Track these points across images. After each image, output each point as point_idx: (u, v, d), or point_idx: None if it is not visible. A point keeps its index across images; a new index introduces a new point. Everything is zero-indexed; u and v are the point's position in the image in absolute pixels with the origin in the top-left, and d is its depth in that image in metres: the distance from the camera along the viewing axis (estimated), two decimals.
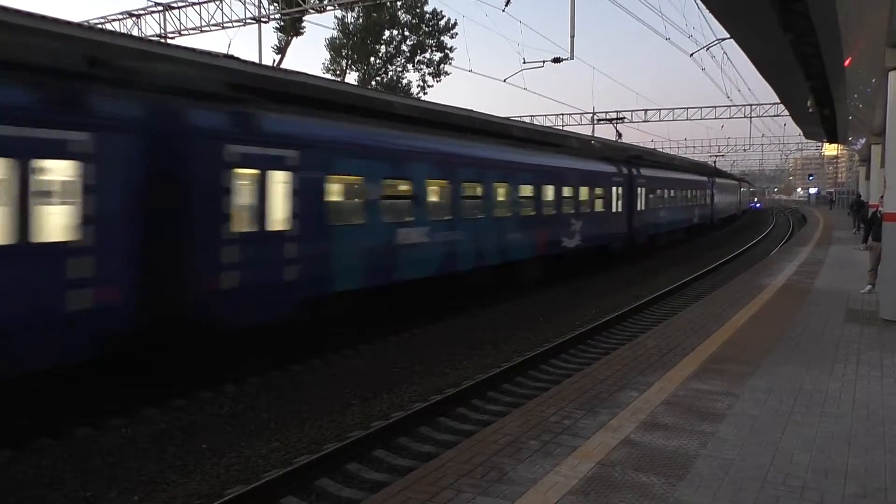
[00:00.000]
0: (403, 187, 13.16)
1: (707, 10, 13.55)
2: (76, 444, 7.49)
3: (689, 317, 11.11)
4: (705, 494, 4.55)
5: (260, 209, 9.85)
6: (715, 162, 64.65)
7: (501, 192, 16.58)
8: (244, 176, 9.69)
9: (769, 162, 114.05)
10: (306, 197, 10.60)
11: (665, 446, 5.40)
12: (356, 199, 12.08)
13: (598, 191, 21.94)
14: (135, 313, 8.30)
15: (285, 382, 9.79)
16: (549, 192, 18.68)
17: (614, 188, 23.37)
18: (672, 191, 31.22)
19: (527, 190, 17.62)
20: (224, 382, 9.47)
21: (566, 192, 19.71)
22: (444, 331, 13.19)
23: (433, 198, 14.18)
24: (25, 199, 7.24)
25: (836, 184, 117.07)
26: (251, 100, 10.38)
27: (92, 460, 7.10)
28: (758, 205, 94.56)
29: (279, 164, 10.14)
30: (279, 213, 10.19)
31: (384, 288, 12.54)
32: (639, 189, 25.75)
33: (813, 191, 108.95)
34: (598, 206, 21.98)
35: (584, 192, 20.79)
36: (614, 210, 23.47)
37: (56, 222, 7.62)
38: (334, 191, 11.56)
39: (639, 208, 25.76)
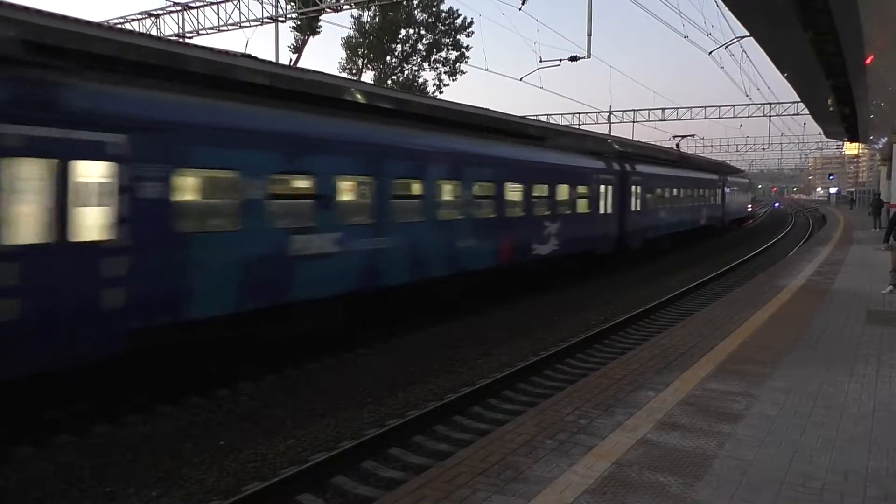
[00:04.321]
0: None
1: (726, 8, 13.45)
2: (95, 440, 7.59)
3: (706, 316, 11.02)
4: (723, 495, 4.52)
5: None
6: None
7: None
8: None
9: (788, 161, 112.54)
10: None
11: (682, 446, 5.37)
12: None
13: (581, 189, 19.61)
14: None
15: (301, 380, 9.84)
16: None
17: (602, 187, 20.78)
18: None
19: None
20: (240, 380, 9.55)
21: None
22: (457, 330, 13.19)
23: None
24: None
25: (857, 183, 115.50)
26: None
27: (111, 456, 7.18)
28: (777, 205, 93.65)
29: None
30: None
31: None
32: (633, 188, 23.21)
33: (833, 190, 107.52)
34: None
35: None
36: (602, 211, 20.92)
37: None
38: None
39: (633, 208, 23.12)
